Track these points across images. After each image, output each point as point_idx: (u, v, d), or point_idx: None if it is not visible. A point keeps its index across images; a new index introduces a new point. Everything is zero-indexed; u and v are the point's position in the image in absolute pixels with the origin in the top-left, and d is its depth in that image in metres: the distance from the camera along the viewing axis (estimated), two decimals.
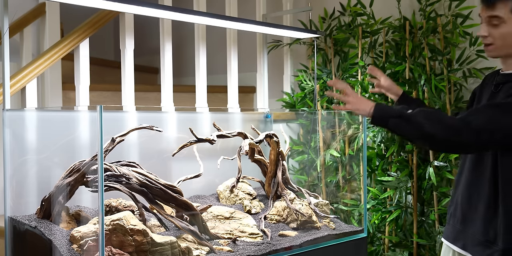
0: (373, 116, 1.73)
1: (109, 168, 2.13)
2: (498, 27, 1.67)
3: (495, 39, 1.69)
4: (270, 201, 2.74)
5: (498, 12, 1.65)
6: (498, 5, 1.65)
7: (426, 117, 1.64)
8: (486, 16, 1.69)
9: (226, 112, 3.20)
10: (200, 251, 2.19)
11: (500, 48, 1.70)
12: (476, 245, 1.76)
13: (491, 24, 1.68)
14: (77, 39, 2.76)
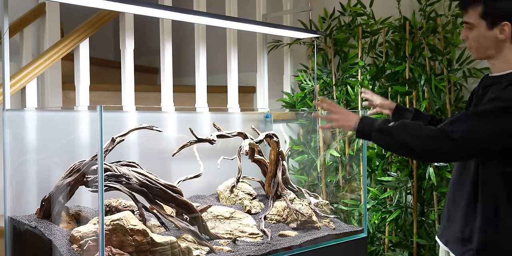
0: (357, 130, 1.80)
1: (109, 168, 2.13)
2: (472, 31, 1.79)
3: (471, 42, 1.81)
4: (270, 201, 2.74)
5: (469, 18, 1.78)
6: (469, 11, 1.78)
7: (406, 131, 1.70)
8: (463, 21, 1.82)
9: (226, 112, 3.20)
10: (200, 251, 2.19)
11: (477, 50, 1.81)
12: (455, 242, 1.82)
13: (467, 28, 1.80)
14: (77, 39, 2.76)
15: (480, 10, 1.75)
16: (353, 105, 3.37)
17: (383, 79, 3.24)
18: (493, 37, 1.75)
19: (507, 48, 1.76)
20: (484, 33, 1.76)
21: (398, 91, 3.14)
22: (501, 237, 1.71)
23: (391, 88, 3.17)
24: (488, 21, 1.74)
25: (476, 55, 1.83)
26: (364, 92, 2.24)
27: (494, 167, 1.71)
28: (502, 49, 1.76)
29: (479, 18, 1.75)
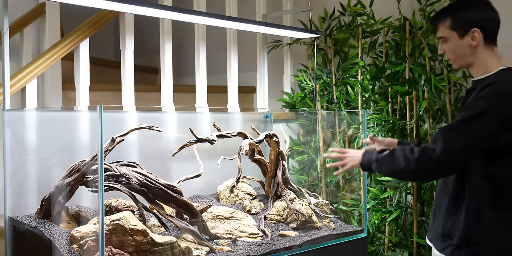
0: (361, 165, 1.95)
1: (109, 168, 2.13)
2: (446, 44, 1.89)
3: (448, 54, 1.91)
4: (270, 201, 2.74)
5: (441, 33, 1.90)
6: (440, 27, 1.90)
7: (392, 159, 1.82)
8: (438, 37, 1.94)
9: (226, 112, 3.20)
10: (200, 251, 2.19)
11: (456, 60, 1.90)
12: (437, 238, 1.90)
13: (442, 42, 1.91)
14: (77, 39, 2.76)
15: (449, 22, 1.86)
16: (353, 105, 3.37)
17: (383, 79, 3.24)
18: (466, 44, 1.85)
19: (482, 52, 1.86)
20: (458, 42, 1.86)
21: (398, 91, 3.14)
22: (482, 234, 1.77)
23: (391, 88, 3.17)
24: (458, 31, 1.85)
25: (457, 66, 1.93)
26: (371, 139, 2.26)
27: (477, 168, 1.77)
28: (478, 54, 1.87)
29: (449, 30, 1.86)
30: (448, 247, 1.83)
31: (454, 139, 1.73)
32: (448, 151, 1.72)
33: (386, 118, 3.14)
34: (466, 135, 1.72)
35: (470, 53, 1.86)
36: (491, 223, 1.76)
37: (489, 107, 1.71)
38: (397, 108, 3.22)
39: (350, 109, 3.39)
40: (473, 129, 1.72)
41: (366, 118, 3.05)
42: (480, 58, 1.86)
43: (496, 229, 1.76)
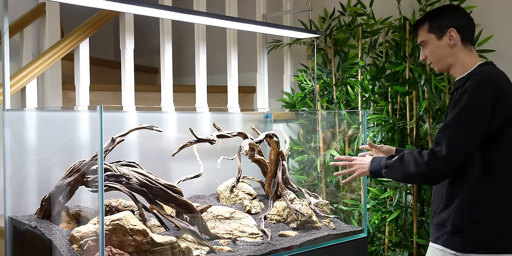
0: (370, 172, 2.01)
1: (109, 168, 2.13)
2: (426, 47, 1.98)
3: (430, 57, 1.99)
4: (270, 201, 2.74)
5: (420, 38, 1.99)
6: (419, 32, 1.99)
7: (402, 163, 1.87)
8: (418, 44, 2.02)
9: (226, 112, 3.20)
10: (200, 251, 2.19)
11: (437, 62, 1.98)
12: (433, 229, 1.97)
13: (422, 47, 2.00)
14: (77, 39, 2.76)
15: (427, 26, 1.96)
16: (353, 105, 3.37)
17: (383, 79, 3.24)
18: (445, 45, 1.94)
19: (461, 52, 1.95)
20: (436, 44, 1.95)
21: (398, 91, 3.13)
22: (472, 223, 1.85)
23: (391, 88, 3.17)
24: (436, 33, 1.94)
25: (438, 68, 2.00)
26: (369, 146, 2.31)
27: (475, 159, 1.83)
28: (457, 54, 1.95)
29: (428, 33, 1.96)
30: (442, 236, 1.90)
31: (455, 136, 1.78)
32: (453, 147, 1.77)
33: (386, 118, 3.14)
34: (464, 129, 1.78)
35: (449, 54, 1.94)
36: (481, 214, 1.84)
37: (474, 98, 1.79)
38: (397, 108, 3.22)
39: (350, 109, 3.39)
40: (468, 122, 1.79)
41: (366, 118, 3.05)
42: (460, 58, 1.94)
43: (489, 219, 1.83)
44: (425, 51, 1.99)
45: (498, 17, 3.06)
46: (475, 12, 3.06)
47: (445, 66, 1.99)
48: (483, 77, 1.83)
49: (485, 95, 1.79)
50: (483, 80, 1.82)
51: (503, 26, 3.05)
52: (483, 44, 2.99)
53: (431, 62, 2.00)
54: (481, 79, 1.82)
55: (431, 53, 1.97)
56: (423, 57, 2.01)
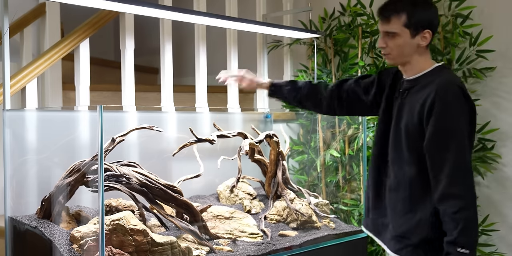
0: None
1: (109, 168, 2.13)
2: (394, 39, 1.84)
3: (392, 49, 1.86)
4: (270, 201, 2.74)
5: (392, 28, 1.83)
6: (392, 20, 1.83)
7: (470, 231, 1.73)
8: (382, 31, 1.87)
9: (226, 112, 3.20)
10: (200, 251, 2.19)
11: (397, 57, 1.87)
12: (391, 239, 1.89)
13: (387, 36, 1.85)
14: (77, 39, 2.76)
15: (404, 19, 1.81)
16: None
17: None
18: (415, 44, 1.83)
19: (423, 53, 1.86)
20: (408, 41, 1.83)
21: None
22: (440, 235, 1.77)
23: None
24: (412, 30, 1.82)
25: (393, 62, 1.89)
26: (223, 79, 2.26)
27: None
28: (419, 55, 1.86)
29: (403, 27, 1.82)
30: (406, 248, 1.84)
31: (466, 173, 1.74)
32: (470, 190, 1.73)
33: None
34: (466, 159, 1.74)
35: (413, 53, 1.85)
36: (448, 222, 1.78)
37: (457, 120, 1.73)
38: None
39: None
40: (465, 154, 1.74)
41: (366, 118, 3.05)
42: (419, 59, 1.86)
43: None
44: (389, 42, 1.85)
45: (498, 17, 3.06)
46: (475, 12, 3.06)
47: (400, 62, 1.89)
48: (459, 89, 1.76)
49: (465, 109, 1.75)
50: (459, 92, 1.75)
51: (503, 26, 3.05)
52: (483, 44, 2.99)
53: (390, 54, 1.86)
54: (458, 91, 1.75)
55: (397, 47, 1.84)
56: (383, 44, 1.86)
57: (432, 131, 1.75)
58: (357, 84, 2.11)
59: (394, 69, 2.01)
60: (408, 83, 1.88)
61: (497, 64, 3.04)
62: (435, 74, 1.83)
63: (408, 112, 1.83)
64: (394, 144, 1.89)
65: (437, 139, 1.74)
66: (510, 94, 3.04)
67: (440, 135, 1.74)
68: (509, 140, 3.04)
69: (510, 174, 3.04)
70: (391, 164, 1.91)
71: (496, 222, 3.01)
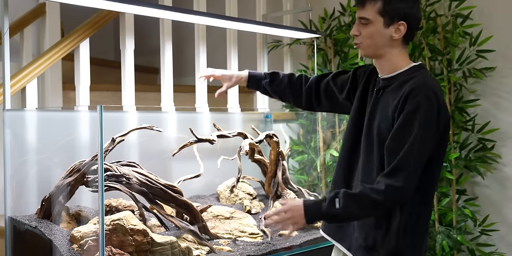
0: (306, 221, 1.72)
1: (109, 168, 2.13)
2: (367, 27, 1.74)
3: (364, 38, 1.76)
4: (270, 201, 2.74)
5: (366, 14, 1.74)
6: (367, 6, 1.74)
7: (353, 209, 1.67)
8: (358, 17, 1.76)
9: (226, 112, 3.20)
10: (200, 251, 2.19)
11: (368, 46, 1.76)
12: (358, 249, 1.80)
13: (361, 23, 1.76)
14: (77, 39, 2.76)
15: (379, 6, 1.72)
16: None
17: None
18: (388, 35, 1.73)
19: (398, 48, 1.76)
20: (381, 30, 1.73)
21: None
22: (409, 246, 1.73)
23: None
24: (386, 19, 1.72)
25: (364, 52, 1.79)
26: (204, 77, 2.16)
27: None
28: (394, 49, 1.75)
29: (377, 15, 1.72)
30: None
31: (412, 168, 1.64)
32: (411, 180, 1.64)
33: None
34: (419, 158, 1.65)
35: (386, 45, 1.74)
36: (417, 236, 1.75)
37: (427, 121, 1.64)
38: None
39: None
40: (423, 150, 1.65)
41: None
42: (394, 54, 1.76)
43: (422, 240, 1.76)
44: (362, 30, 1.75)
45: (498, 17, 3.06)
46: (475, 12, 3.06)
47: (373, 54, 1.78)
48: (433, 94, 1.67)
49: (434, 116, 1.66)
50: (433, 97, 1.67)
51: (503, 26, 3.05)
52: (483, 44, 2.99)
53: (362, 43, 1.77)
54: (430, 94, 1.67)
55: (370, 36, 1.74)
56: (356, 32, 1.76)
57: (394, 130, 1.68)
58: (334, 81, 2.02)
59: (370, 66, 1.93)
60: (383, 82, 1.79)
61: (497, 64, 3.04)
62: (412, 73, 1.74)
63: (382, 112, 1.75)
64: (365, 146, 1.78)
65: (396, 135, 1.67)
66: (510, 94, 3.04)
67: (401, 134, 1.66)
68: (509, 140, 3.04)
69: (510, 174, 3.04)
70: (360, 168, 1.80)
71: (496, 222, 3.01)
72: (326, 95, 2.03)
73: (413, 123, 1.64)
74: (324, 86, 2.03)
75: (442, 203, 2.99)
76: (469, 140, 3.10)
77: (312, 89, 2.06)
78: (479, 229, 3.01)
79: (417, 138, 1.63)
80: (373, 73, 1.88)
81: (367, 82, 1.88)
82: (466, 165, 3.05)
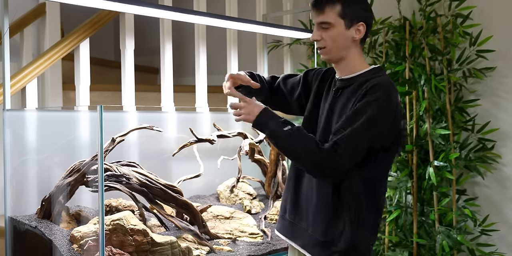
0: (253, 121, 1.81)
1: (109, 168, 2.13)
2: (328, 31, 1.76)
3: (327, 42, 1.78)
4: (270, 201, 2.74)
5: (327, 18, 1.75)
6: (326, 11, 1.75)
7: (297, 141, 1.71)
8: (318, 22, 1.78)
9: (226, 112, 3.20)
10: (200, 251, 2.19)
11: (332, 50, 1.78)
12: (314, 245, 1.81)
13: (322, 28, 1.77)
14: (77, 39, 2.76)
15: (339, 9, 1.75)
16: None
17: None
18: (349, 37, 1.76)
19: (356, 49, 1.79)
20: (342, 32, 1.76)
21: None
22: (363, 239, 1.77)
23: None
24: (346, 21, 1.75)
25: (328, 56, 1.80)
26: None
27: (357, 175, 1.73)
28: (353, 50, 1.79)
29: (338, 17, 1.75)
30: (333, 254, 1.77)
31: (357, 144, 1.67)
32: (351, 155, 1.67)
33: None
34: (364, 140, 1.68)
35: (348, 47, 1.77)
36: (369, 228, 1.78)
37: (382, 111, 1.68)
38: None
39: None
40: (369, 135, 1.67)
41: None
42: (353, 55, 1.79)
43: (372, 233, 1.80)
44: (324, 34, 1.76)
45: (498, 17, 3.06)
46: (475, 12, 3.06)
47: (336, 57, 1.80)
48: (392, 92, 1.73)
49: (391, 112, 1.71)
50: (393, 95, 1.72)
51: (503, 26, 3.05)
52: (483, 44, 2.99)
53: (325, 47, 1.78)
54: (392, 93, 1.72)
55: (333, 39, 1.76)
56: (318, 37, 1.78)
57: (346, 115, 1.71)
58: (284, 83, 2.06)
59: (321, 69, 1.95)
60: (342, 82, 1.81)
61: (497, 64, 3.04)
62: (374, 74, 1.78)
63: (341, 111, 1.77)
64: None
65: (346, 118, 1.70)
66: (510, 94, 3.04)
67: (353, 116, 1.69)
68: (509, 140, 3.04)
69: (510, 174, 3.04)
70: None
71: (496, 222, 3.01)
72: (278, 96, 2.06)
73: (366, 111, 1.68)
74: (277, 88, 2.08)
75: (442, 203, 2.99)
76: (469, 140, 3.10)
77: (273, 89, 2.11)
78: (479, 229, 3.01)
79: (365, 125, 1.66)
80: (326, 76, 1.91)
81: (320, 85, 1.91)
82: (466, 165, 3.05)
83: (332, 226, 1.77)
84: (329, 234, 1.77)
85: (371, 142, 1.69)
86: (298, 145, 1.70)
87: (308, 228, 1.83)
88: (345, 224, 1.75)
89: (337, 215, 1.76)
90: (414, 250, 3.08)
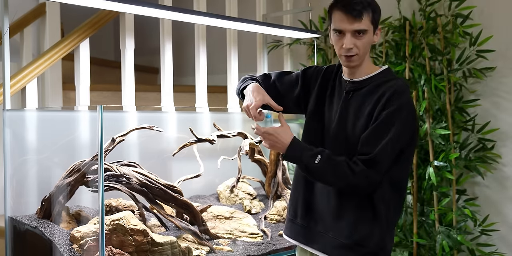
0: (284, 155, 1.75)
1: (109, 168, 2.13)
2: (362, 38, 1.72)
3: (359, 49, 1.73)
4: (270, 201, 2.74)
5: (363, 26, 1.70)
6: (365, 18, 1.71)
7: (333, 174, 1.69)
8: (353, 30, 1.71)
9: (226, 112, 3.20)
10: (200, 251, 2.19)
11: (361, 57, 1.75)
12: (339, 248, 1.77)
13: (357, 36, 1.72)
14: (77, 39, 2.76)
15: (371, 15, 1.72)
16: None
17: None
18: (372, 42, 1.76)
19: (368, 53, 1.80)
20: (371, 38, 1.75)
21: None
22: (390, 239, 1.80)
23: None
24: (374, 26, 1.74)
25: (356, 64, 1.76)
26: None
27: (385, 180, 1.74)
28: (368, 54, 1.78)
29: (370, 24, 1.72)
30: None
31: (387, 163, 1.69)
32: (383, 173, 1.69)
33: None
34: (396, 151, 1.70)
35: (368, 51, 1.77)
36: (394, 225, 1.82)
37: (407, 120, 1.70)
38: None
39: None
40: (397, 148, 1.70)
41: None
42: (367, 59, 1.79)
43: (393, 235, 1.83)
44: (358, 42, 1.71)
45: (498, 17, 3.06)
46: (475, 12, 3.06)
47: (359, 63, 1.77)
48: (409, 95, 1.74)
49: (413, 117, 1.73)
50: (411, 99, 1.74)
51: (503, 26, 3.05)
52: (483, 44, 2.99)
53: (357, 55, 1.73)
54: (410, 97, 1.74)
55: (364, 46, 1.73)
56: (351, 46, 1.71)
57: (374, 125, 1.70)
58: (280, 82, 1.99)
59: (320, 67, 1.92)
60: (353, 85, 1.79)
61: (497, 64, 3.04)
62: (387, 76, 1.78)
63: (355, 114, 1.75)
64: (332, 147, 1.77)
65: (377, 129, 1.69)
66: (510, 94, 3.04)
67: (381, 129, 1.69)
68: (509, 140, 3.04)
69: (510, 174, 3.04)
70: None
71: (496, 222, 3.01)
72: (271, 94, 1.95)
73: (394, 122, 1.68)
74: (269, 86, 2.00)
75: (442, 203, 2.99)
76: (469, 140, 3.10)
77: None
78: (479, 229, 3.01)
79: (396, 136, 1.68)
80: (327, 76, 1.89)
81: (322, 85, 1.88)
82: (466, 165, 3.05)
83: (359, 228, 1.75)
84: (356, 236, 1.75)
85: (399, 151, 1.71)
86: (331, 175, 1.70)
87: (327, 231, 1.79)
88: (374, 226, 1.75)
89: (363, 217, 1.75)
90: (414, 250, 3.08)
